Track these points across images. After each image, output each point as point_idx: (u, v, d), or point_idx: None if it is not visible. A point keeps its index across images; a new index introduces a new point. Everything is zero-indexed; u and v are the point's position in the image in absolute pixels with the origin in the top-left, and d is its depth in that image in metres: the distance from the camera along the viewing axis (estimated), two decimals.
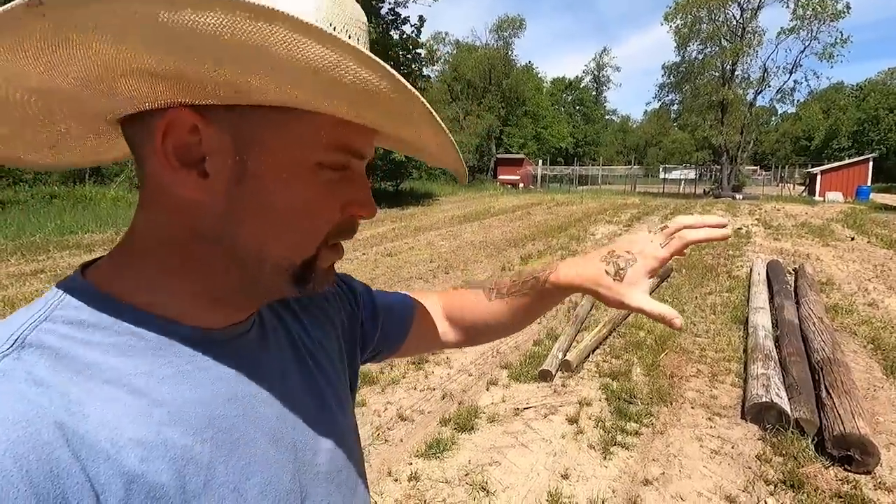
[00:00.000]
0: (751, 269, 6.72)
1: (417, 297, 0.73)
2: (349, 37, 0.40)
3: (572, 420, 3.06)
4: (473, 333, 0.74)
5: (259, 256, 0.42)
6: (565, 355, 3.85)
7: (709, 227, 0.56)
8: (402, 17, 18.47)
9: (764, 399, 2.98)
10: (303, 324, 0.57)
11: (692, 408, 3.25)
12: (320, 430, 0.51)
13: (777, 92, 26.51)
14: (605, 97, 62.37)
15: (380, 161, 18.17)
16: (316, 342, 0.57)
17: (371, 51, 0.42)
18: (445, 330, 0.73)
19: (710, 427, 3.01)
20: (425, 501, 2.36)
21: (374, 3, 17.29)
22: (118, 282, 0.42)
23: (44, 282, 6.22)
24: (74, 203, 13.39)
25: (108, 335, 0.39)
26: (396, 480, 2.50)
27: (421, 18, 18.84)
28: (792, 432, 2.80)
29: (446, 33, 57.90)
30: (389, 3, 17.96)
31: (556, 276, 0.63)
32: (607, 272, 0.56)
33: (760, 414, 2.97)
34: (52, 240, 9.13)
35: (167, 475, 0.37)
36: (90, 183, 17.56)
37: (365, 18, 0.44)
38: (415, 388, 3.52)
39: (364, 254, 8.46)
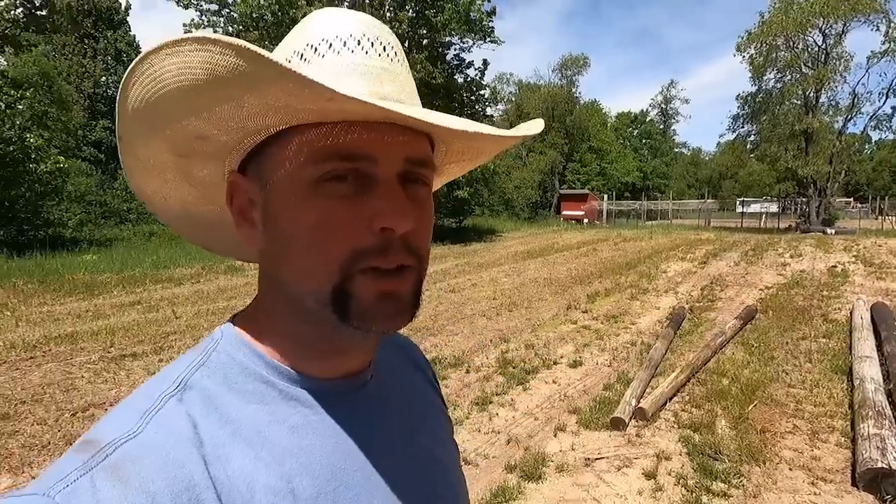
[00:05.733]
0: (851, 312, 6.03)
1: None
2: (345, 45, 0.40)
3: (650, 475, 2.83)
4: None
5: (300, 292, 0.41)
6: (639, 402, 3.60)
7: None
8: (467, 61, 19.24)
9: (880, 464, 2.60)
10: (420, 382, 0.58)
11: (790, 469, 2.90)
12: (433, 490, 0.50)
13: (871, 118, 24.37)
14: (673, 130, 60.36)
15: (443, 199, 18.58)
16: (428, 402, 0.58)
17: (436, 94, 0.43)
18: None
19: (815, 493, 2.66)
20: None
21: (440, 49, 18.15)
22: (253, 330, 0.44)
23: (140, 312, 6.81)
24: (169, 240, 14.79)
25: (248, 382, 0.41)
26: None
27: (485, 62, 19.51)
28: None
29: (510, 74, 59.44)
30: (455, 50, 18.78)
31: None
32: None
33: (876, 481, 2.58)
34: (148, 273, 10.05)
35: None
36: None
37: (365, 30, 0.41)
38: (479, 431, 3.42)
39: (427, 290, 8.55)
